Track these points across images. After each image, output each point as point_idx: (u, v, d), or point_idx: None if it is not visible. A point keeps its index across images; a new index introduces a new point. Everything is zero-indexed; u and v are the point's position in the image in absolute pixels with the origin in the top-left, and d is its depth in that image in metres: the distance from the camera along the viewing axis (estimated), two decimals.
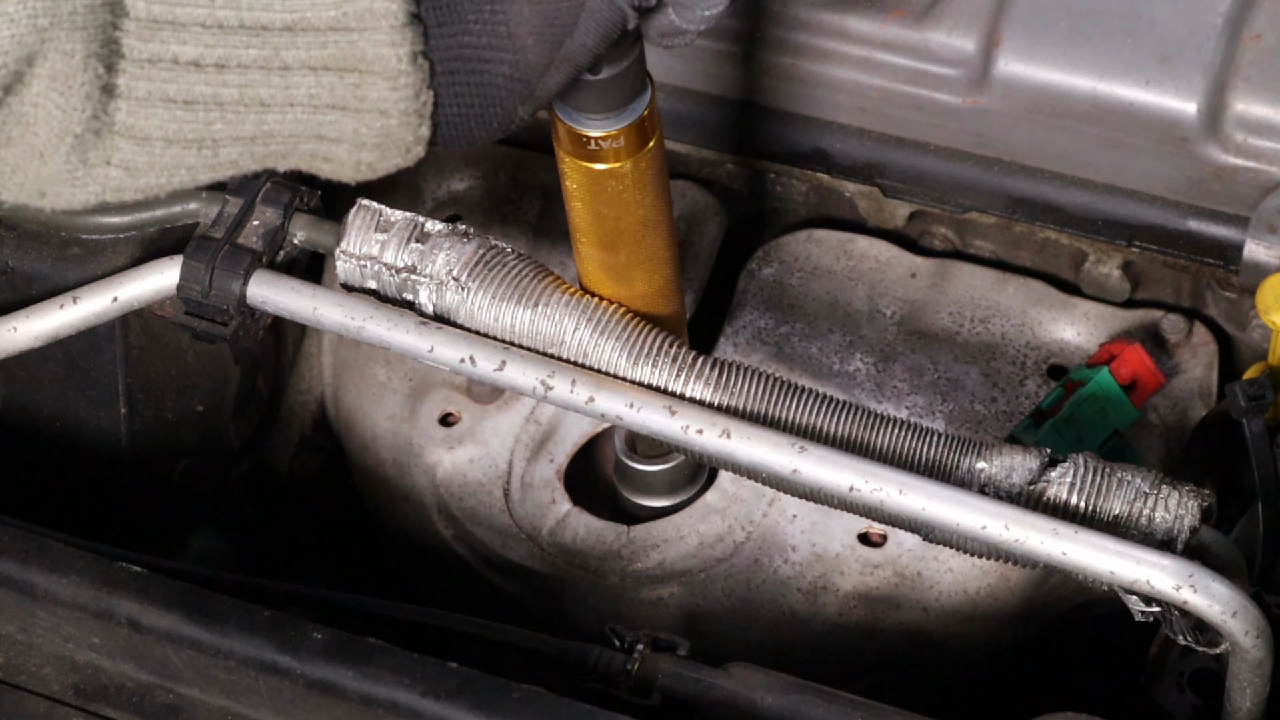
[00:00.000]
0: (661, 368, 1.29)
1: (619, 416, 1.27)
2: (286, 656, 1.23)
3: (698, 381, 1.28)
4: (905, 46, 1.57)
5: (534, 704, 1.20)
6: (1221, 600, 1.19)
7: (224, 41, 1.10)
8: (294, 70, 1.11)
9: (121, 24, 1.08)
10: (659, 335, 1.30)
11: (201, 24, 1.09)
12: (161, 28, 1.09)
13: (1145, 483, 1.24)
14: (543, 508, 1.59)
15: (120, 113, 1.10)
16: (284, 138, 1.13)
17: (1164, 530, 1.22)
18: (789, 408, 1.28)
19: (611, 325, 1.30)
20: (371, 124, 1.12)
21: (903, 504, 1.22)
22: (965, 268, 1.67)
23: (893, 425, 1.27)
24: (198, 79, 1.10)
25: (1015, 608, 1.54)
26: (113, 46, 1.08)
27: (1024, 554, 1.21)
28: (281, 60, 1.11)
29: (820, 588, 1.53)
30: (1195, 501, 1.23)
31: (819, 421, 1.27)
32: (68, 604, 1.27)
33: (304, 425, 1.76)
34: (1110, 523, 1.23)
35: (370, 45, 1.10)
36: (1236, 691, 1.24)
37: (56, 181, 1.11)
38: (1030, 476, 1.24)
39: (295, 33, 1.10)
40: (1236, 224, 1.52)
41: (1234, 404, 1.39)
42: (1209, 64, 1.51)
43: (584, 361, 1.29)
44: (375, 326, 1.29)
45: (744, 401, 1.28)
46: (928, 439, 1.27)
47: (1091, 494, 1.24)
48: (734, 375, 1.29)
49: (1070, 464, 1.24)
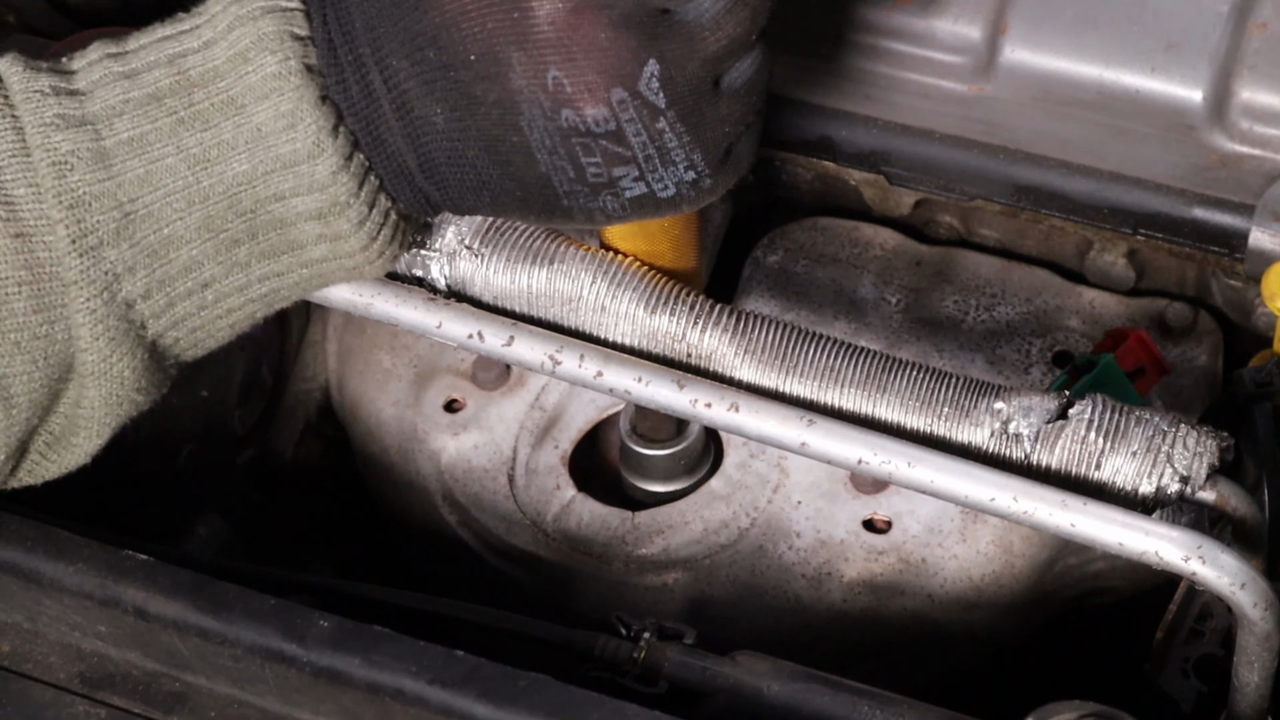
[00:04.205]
0: (679, 315, 1.28)
1: (627, 390, 1.26)
2: (293, 644, 1.23)
3: (714, 329, 1.27)
4: (911, 34, 1.57)
5: (541, 691, 1.20)
6: (1230, 572, 1.18)
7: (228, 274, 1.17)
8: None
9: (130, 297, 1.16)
10: (676, 286, 1.30)
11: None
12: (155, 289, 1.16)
13: (1164, 421, 1.23)
14: (547, 494, 1.59)
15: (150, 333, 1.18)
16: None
17: (1183, 467, 1.21)
18: (806, 354, 1.27)
19: (628, 278, 1.29)
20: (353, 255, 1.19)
21: (911, 476, 1.22)
22: (970, 255, 1.67)
23: (911, 368, 1.26)
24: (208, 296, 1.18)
25: (1020, 595, 1.54)
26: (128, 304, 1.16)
27: (1032, 525, 1.21)
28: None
29: (825, 574, 1.53)
30: (1214, 441, 1.22)
31: (837, 365, 1.26)
32: (74, 592, 1.27)
33: (309, 412, 1.76)
34: (1129, 458, 1.22)
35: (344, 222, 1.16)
36: (1244, 666, 1.23)
37: None
38: (1049, 415, 1.23)
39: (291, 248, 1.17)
40: (1242, 212, 1.51)
41: (1240, 391, 1.39)
42: (1215, 51, 1.51)
43: (603, 313, 1.28)
44: (383, 303, 1.28)
45: (760, 348, 1.27)
46: (946, 380, 1.26)
47: (1110, 429, 1.23)
48: (751, 323, 1.28)
49: (1088, 401, 1.24)
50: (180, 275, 1.15)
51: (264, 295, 1.18)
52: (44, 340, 1.14)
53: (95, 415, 1.18)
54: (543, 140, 1.13)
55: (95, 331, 1.14)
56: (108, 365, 1.16)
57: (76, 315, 1.14)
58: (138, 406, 1.19)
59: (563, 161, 1.14)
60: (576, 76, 1.11)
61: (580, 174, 1.14)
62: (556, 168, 1.14)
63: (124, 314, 1.15)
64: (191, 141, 1.13)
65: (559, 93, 1.11)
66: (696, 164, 1.15)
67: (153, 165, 1.13)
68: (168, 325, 1.17)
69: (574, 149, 1.13)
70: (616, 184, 1.15)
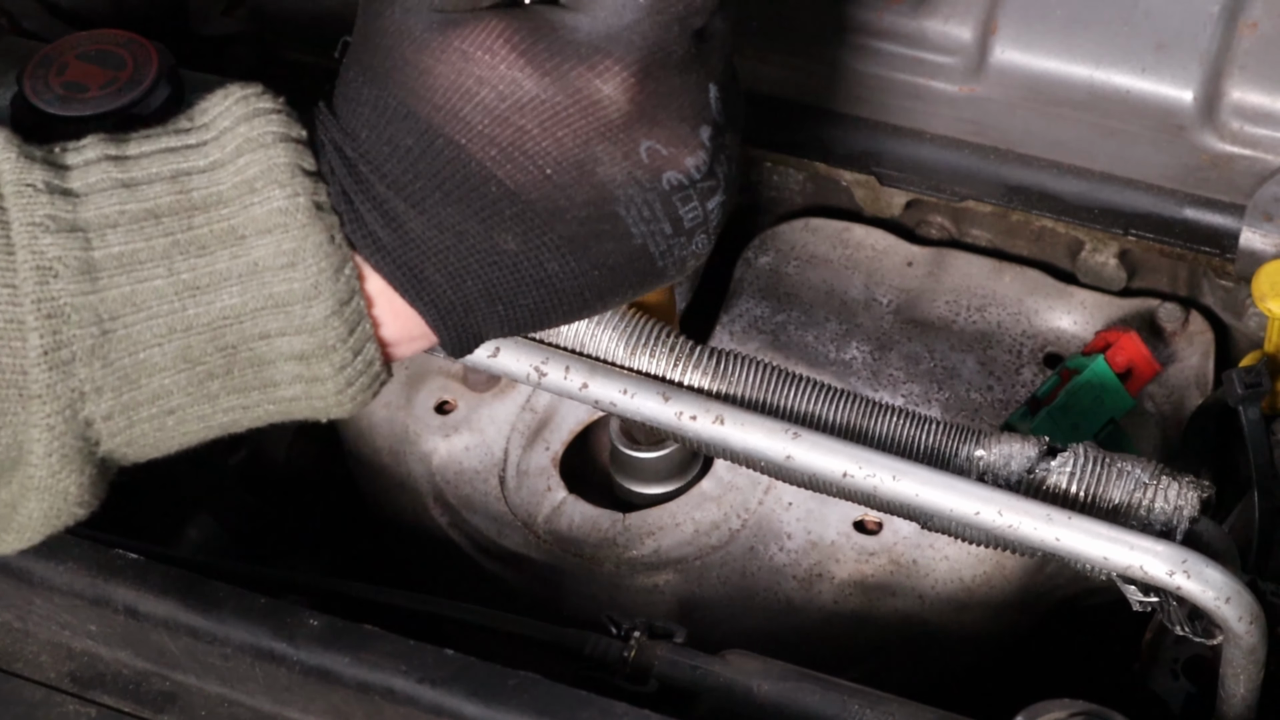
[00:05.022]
0: (659, 356, 1.29)
1: (612, 403, 1.27)
2: (283, 643, 1.23)
3: (695, 370, 1.28)
4: (902, 34, 1.57)
5: (530, 690, 1.20)
6: (1215, 586, 1.18)
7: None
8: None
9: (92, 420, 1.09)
10: (655, 324, 1.30)
11: None
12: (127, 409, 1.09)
13: (1145, 473, 1.23)
14: (538, 495, 1.59)
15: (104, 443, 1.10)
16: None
17: (1163, 521, 1.22)
18: (786, 395, 1.28)
19: (609, 316, 1.29)
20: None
21: (896, 490, 1.22)
22: (962, 256, 1.67)
23: (890, 413, 1.27)
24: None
25: (1011, 595, 1.54)
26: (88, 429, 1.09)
27: (1017, 540, 1.21)
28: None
29: (816, 575, 1.53)
30: (1195, 493, 1.23)
31: (816, 409, 1.27)
32: (64, 591, 1.27)
33: None
34: (1110, 512, 1.23)
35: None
36: (1231, 678, 1.24)
37: None
38: (1029, 464, 1.24)
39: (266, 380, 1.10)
40: (1233, 212, 1.51)
41: (1230, 391, 1.39)
42: (1206, 52, 1.51)
43: (582, 352, 1.29)
44: None
45: (741, 389, 1.28)
46: (926, 426, 1.27)
47: (1091, 483, 1.23)
48: (731, 364, 1.29)
49: (1070, 453, 1.24)
50: (147, 402, 1.08)
51: (224, 424, 1.12)
52: None
53: (30, 524, 1.11)
54: (640, 213, 1.08)
55: (49, 449, 1.07)
56: (55, 481, 1.09)
57: (32, 430, 1.06)
58: (75, 519, 1.11)
59: (661, 224, 1.08)
60: (668, 136, 1.06)
61: (677, 226, 1.09)
62: (653, 233, 1.09)
63: (81, 432, 1.08)
64: (184, 267, 1.06)
65: (655, 160, 1.06)
66: (736, 155, 1.12)
67: (140, 285, 1.06)
68: (120, 443, 1.10)
69: (673, 205, 1.08)
70: (709, 218, 1.10)
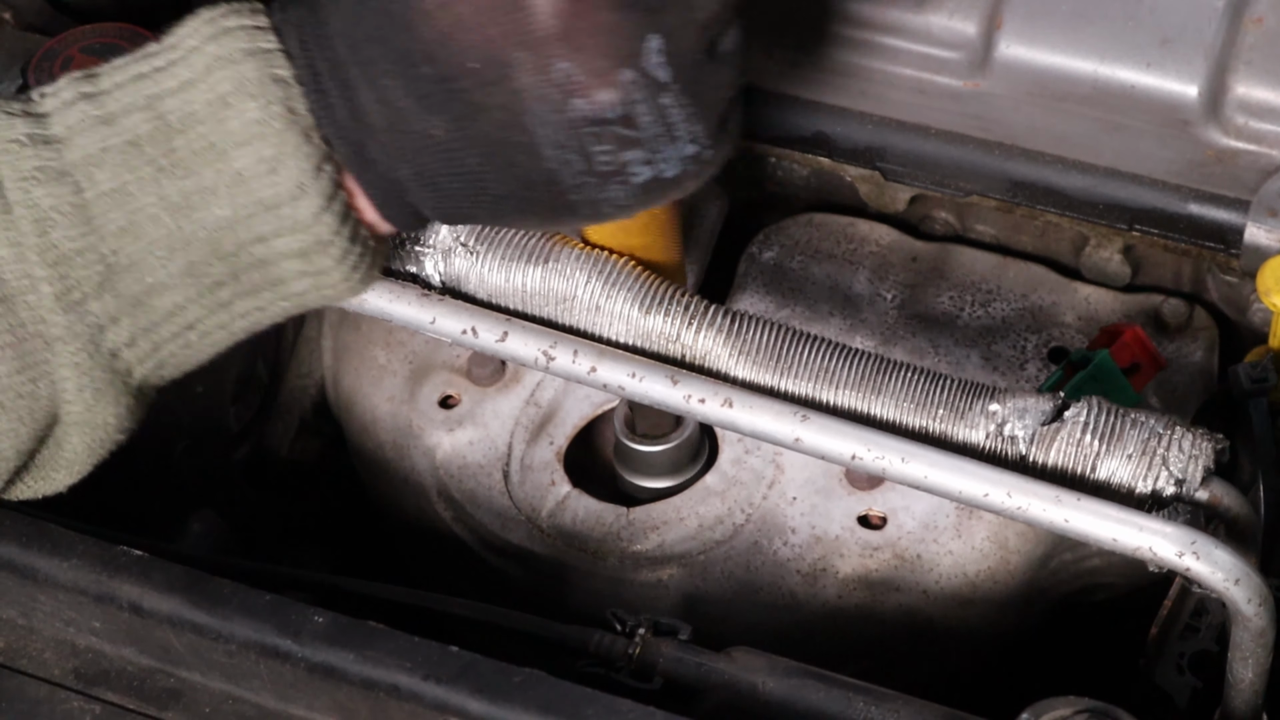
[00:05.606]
0: (673, 315, 1.28)
1: (621, 386, 1.26)
2: (287, 640, 1.23)
3: (709, 329, 1.27)
4: (906, 29, 1.57)
5: (535, 687, 1.19)
6: (1224, 567, 1.17)
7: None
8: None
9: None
10: (670, 286, 1.29)
11: None
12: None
13: (1159, 424, 1.23)
14: (542, 490, 1.59)
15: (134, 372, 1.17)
16: None
17: (1178, 470, 1.21)
18: (801, 355, 1.27)
19: (623, 277, 1.29)
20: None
21: (905, 472, 1.21)
22: (966, 251, 1.67)
23: (906, 370, 1.26)
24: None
25: (1015, 591, 1.54)
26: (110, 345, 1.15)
27: (1026, 521, 1.20)
28: None
29: (820, 570, 1.53)
30: (1209, 444, 1.22)
31: (831, 366, 1.26)
32: (68, 588, 1.27)
33: (304, 409, 1.76)
34: (1124, 461, 1.22)
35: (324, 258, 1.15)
36: (1238, 662, 1.23)
37: None
38: (1044, 417, 1.23)
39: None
40: (1237, 208, 1.51)
41: (1236, 386, 1.39)
42: (1210, 47, 1.51)
43: (597, 313, 1.28)
44: (377, 299, 1.28)
45: (755, 349, 1.27)
46: (940, 382, 1.26)
47: (1106, 432, 1.22)
48: (745, 324, 1.28)
49: (1084, 404, 1.23)
50: (164, 320, 1.15)
51: (246, 326, 1.18)
52: (28, 398, 1.13)
53: (77, 458, 1.18)
54: (551, 135, 1.11)
55: (80, 384, 1.14)
56: (92, 414, 1.15)
57: (61, 370, 1.13)
58: (119, 444, 1.19)
59: (571, 154, 1.12)
60: (585, 64, 1.09)
61: (589, 164, 1.13)
62: (564, 162, 1.13)
63: (109, 363, 1.14)
64: (172, 189, 1.11)
65: (568, 84, 1.10)
66: (698, 136, 1.14)
67: (134, 215, 1.12)
68: (152, 367, 1.16)
69: (583, 139, 1.11)
70: (625, 169, 1.13)
